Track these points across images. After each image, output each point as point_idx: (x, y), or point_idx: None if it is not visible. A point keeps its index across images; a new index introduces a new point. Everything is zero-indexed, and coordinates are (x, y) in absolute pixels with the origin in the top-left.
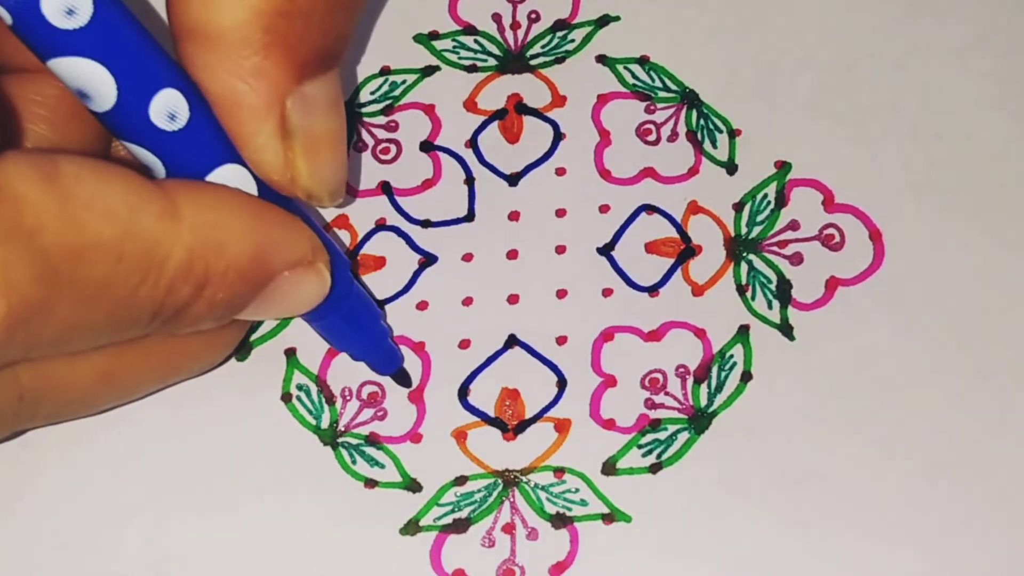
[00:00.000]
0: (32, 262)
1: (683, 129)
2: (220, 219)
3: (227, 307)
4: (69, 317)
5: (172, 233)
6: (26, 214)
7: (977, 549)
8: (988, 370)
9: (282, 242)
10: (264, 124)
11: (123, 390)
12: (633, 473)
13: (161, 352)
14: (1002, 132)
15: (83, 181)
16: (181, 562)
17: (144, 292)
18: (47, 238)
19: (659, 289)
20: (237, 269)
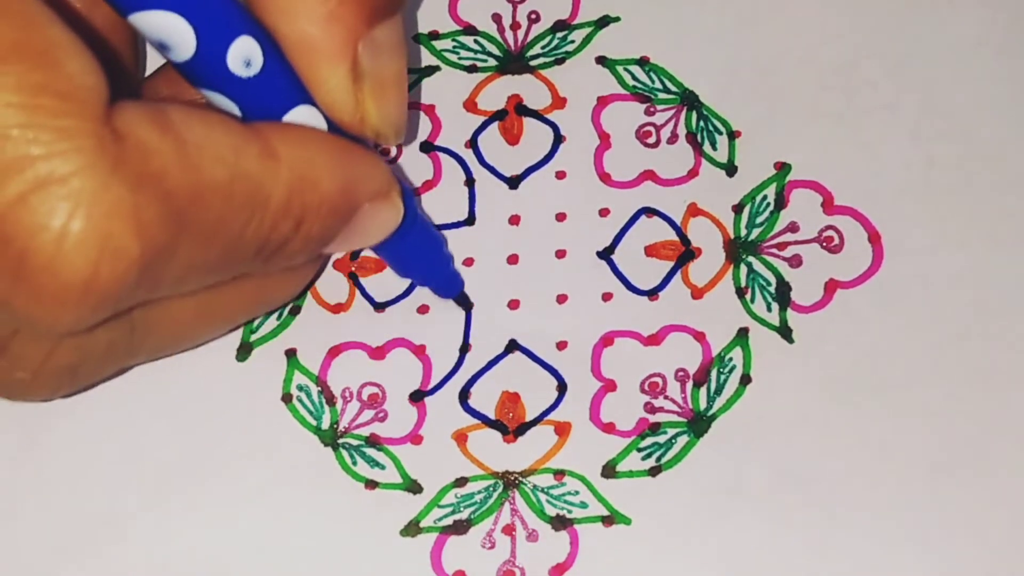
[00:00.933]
0: (160, 205)
1: (683, 131)
2: (311, 157)
3: (320, 240)
4: (190, 257)
5: (272, 173)
6: (152, 160)
7: (977, 549)
8: (987, 372)
9: (364, 175)
10: (337, 68)
11: (219, 323)
12: (633, 476)
13: (252, 286)
14: (1002, 134)
15: (192, 127)
16: (181, 562)
17: (251, 230)
18: (171, 182)
19: (659, 293)
20: (329, 203)
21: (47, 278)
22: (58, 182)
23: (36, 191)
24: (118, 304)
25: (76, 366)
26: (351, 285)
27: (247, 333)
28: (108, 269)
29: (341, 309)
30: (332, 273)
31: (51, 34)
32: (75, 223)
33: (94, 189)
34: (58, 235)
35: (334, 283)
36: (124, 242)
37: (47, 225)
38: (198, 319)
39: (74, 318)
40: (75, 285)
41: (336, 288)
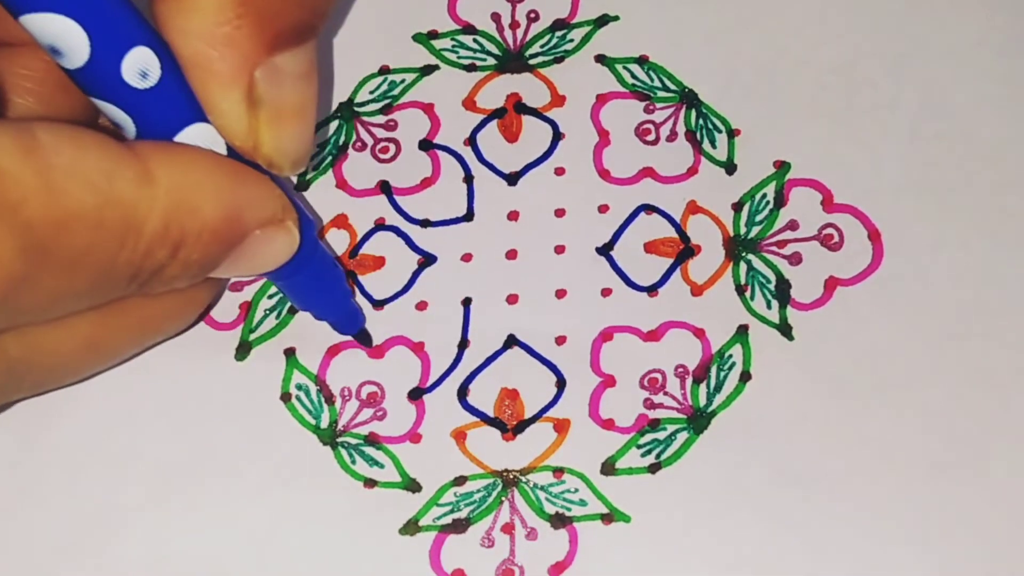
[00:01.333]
0: (17, 236)
1: (682, 129)
2: (193, 181)
3: (201, 266)
4: (53, 286)
5: (148, 198)
6: (9, 188)
7: (976, 548)
8: (987, 370)
9: (253, 201)
10: (230, 91)
11: (105, 354)
12: (632, 473)
13: (138, 315)
14: (1001, 132)
15: (61, 150)
16: (181, 562)
17: (123, 257)
18: (31, 211)
19: (658, 289)
20: (211, 230)
21: None
22: None
23: None
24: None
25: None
26: (350, 283)
27: (246, 332)
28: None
29: None
30: None
31: None
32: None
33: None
34: None
35: None
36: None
37: None
38: (82, 350)
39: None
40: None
41: None
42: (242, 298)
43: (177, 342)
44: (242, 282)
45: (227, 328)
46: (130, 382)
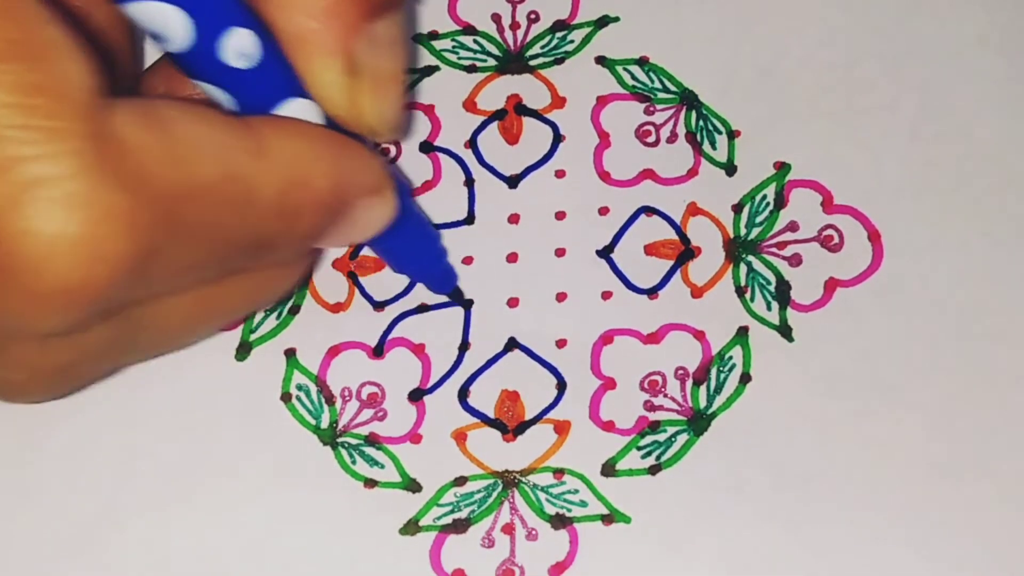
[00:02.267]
0: (150, 207)
1: (682, 130)
2: (304, 152)
3: (310, 236)
4: (180, 256)
5: (264, 170)
6: (142, 160)
7: (976, 549)
8: (987, 371)
9: (356, 171)
10: (333, 62)
11: (214, 320)
12: (632, 474)
13: (245, 281)
14: (1001, 133)
15: (184, 124)
16: (181, 562)
17: (242, 228)
18: (161, 183)
19: (658, 291)
20: (320, 200)
21: (35, 281)
22: (49, 184)
23: (26, 193)
24: (106, 304)
25: (70, 366)
26: (350, 284)
27: (246, 332)
28: (96, 271)
29: (340, 308)
30: (331, 272)
31: (48, 34)
32: (65, 226)
33: (85, 192)
34: (47, 238)
35: (333, 282)
36: (114, 244)
37: (36, 228)
38: (192, 317)
39: (60, 319)
40: (63, 287)
41: (335, 287)
42: None
43: None
44: None
45: (227, 328)
46: (131, 382)
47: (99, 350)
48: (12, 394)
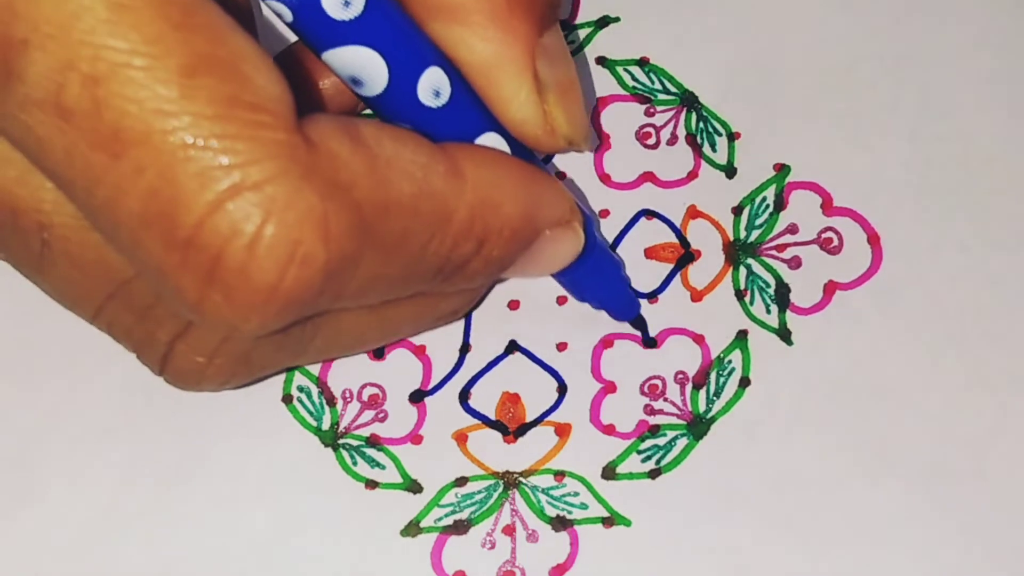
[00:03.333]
0: (348, 215)
1: (682, 132)
2: (496, 178)
3: (499, 264)
4: (372, 270)
5: (457, 191)
6: (342, 170)
7: (976, 551)
8: (986, 374)
9: (546, 202)
10: (523, 82)
11: (389, 334)
12: (633, 478)
13: (421, 305)
14: (1001, 135)
15: (382, 141)
16: (182, 563)
17: (433, 247)
18: (359, 193)
19: (658, 295)
20: (511, 227)
21: (239, 281)
22: (252, 188)
23: (231, 197)
24: (303, 310)
25: (249, 354)
26: None
27: None
28: (296, 275)
29: None
30: None
31: (238, 47)
32: (268, 228)
33: (286, 196)
34: (251, 240)
35: None
36: (313, 249)
37: (241, 230)
38: (370, 328)
39: (260, 321)
40: (264, 289)
41: None
42: None
43: None
44: None
45: None
46: (130, 382)
47: (274, 347)
48: (192, 379)
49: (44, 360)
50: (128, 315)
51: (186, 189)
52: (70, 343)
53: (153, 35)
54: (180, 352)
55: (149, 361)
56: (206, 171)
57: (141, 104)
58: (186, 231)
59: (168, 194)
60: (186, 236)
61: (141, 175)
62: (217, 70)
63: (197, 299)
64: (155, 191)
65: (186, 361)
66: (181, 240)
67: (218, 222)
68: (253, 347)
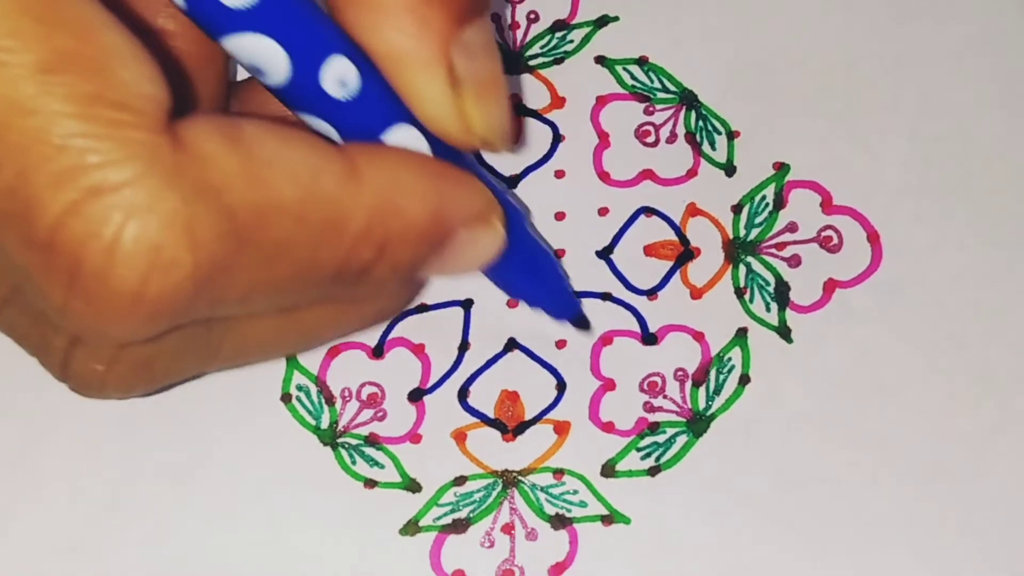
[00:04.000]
0: (218, 220)
1: (682, 131)
2: (399, 180)
3: (408, 267)
4: (252, 276)
5: (353, 195)
6: (212, 173)
7: (975, 552)
8: (986, 372)
9: (458, 199)
10: (435, 76)
11: (300, 343)
12: (632, 475)
13: (339, 309)
14: (1000, 134)
15: (265, 143)
16: (181, 563)
17: (325, 254)
18: (232, 197)
19: (658, 292)
20: (417, 229)
21: (98, 286)
22: (111, 191)
23: (89, 200)
24: (175, 318)
25: (148, 363)
26: None
27: None
28: (159, 281)
29: None
30: None
31: (107, 42)
32: (126, 232)
33: (147, 199)
34: (109, 244)
35: None
36: (176, 254)
37: (98, 233)
38: (277, 337)
39: (127, 328)
40: (125, 295)
41: None
42: None
43: None
44: None
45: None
46: None
47: (177, 353)
48: (93, 386)
49: None
50: (24, 319)
51: (42, 188)
52: None
53: (11, 29)
54: (78, 359)
55: (49, 366)
56: (64, 171)
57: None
58: (44, 233)
59: (25, 193)
60: (44, 238)
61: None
62: (80, 66)
63: (61, 303)
64: (12, 190)
65: (84, 368)
66: (40, 242)
67: (75, 225)
68: (155, 354)
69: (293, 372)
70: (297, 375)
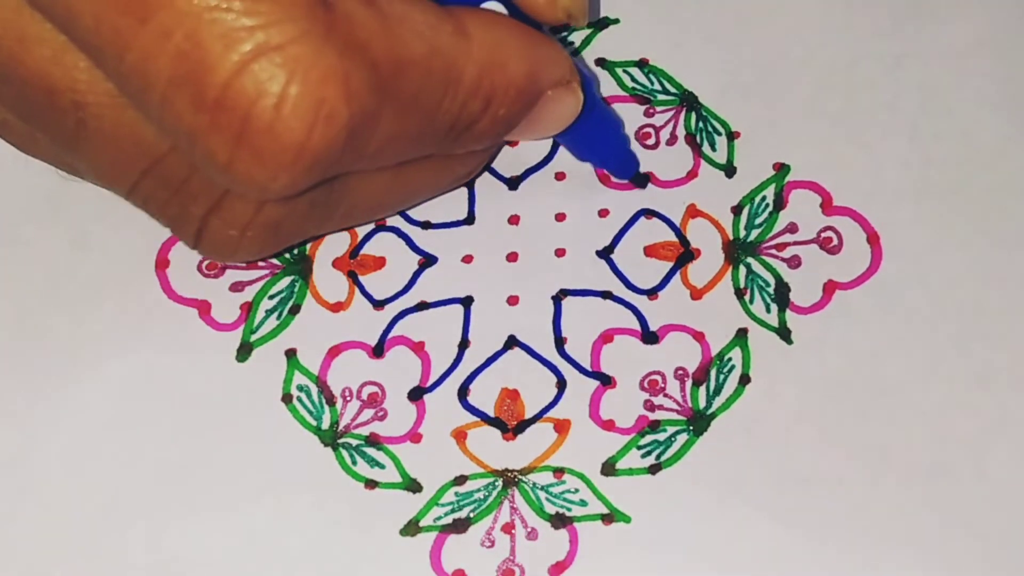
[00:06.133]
0: (367, 73)
1: (682, 132)
2: (501, 39)
3: (505, 123)
4: (390, 127)
5: (465, 51)
6: (358, 30)
7: (975, 550)
8: (986, 373)
9: (548, 62)
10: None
11: (407, 197)
12: (632, 474)
13: (434, 166)
14: (1000, 134)
15: (393, 2)
16: (182, 563)
17: (445, 105)
18: (376, 52)
19: (658, 293)
20: (516, 86)
21: (267, 140)
22: (275, 50)
23: (256, 59)
24: (328, 169)
25: (280, 223)
26: (350, 283)
27: (247, 333)
28: (321, 132)
29: (340, 308)
30: (331, 272)
31: None
32: (292, 88)
33: (309, 56)
34: (277, 99)
35: (333, 282)
36: (336, 106)
37: (267, 90)
38: (387, 192)
39: (289, 180)
40: (292, 147)
41: (335, 287)
42: (243, 299)
43: (178, 343)
44: (243, 282)
45: (228, 329)
46: (131, 382)
47: (306, 210)
48: (226, 251)
49: (44, 359)
50: (163, 191)
51: (212, 51)
52: (70, 342)
53: None
54: (214, 226)
55: (184, 235)
56: (231, 32)
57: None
58: (214, 92)
59: (195, 56)
60: (214, 97)
61: (168, 38)
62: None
63: (227, 160)
64: (183, 54)
65: (220, 234)
66: (210, 102)
67: (245, 83)
68: (283, 217)
69: (294, 372)
70: (298, 375)
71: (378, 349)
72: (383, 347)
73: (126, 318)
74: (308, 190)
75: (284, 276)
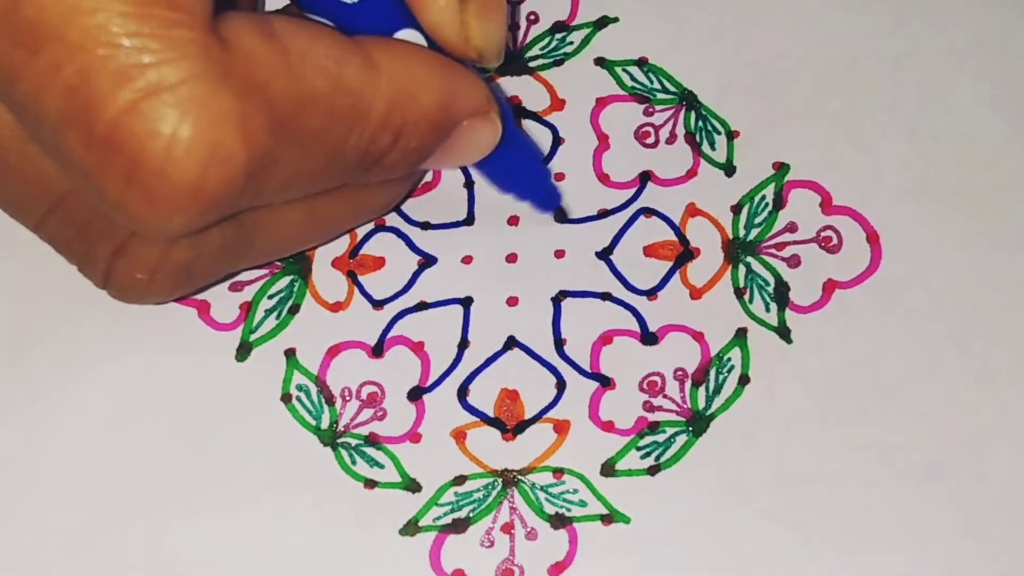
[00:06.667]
0: (265, 113)
1: (681, 131)
2: (412, 71)
3: (417, 155)
4: (292, 166)
5: (373, 84)
6: (257, 69)
7: (974, 552)
8: (985, 372)
9: (463, 92)
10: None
11: (323, 230)
12: (632, 475)
13: (352, 194)
14: (1000, 134)
15: (296, 37)
16: (181, 563)
17: (352, 141)
18: (275, 91)
19: (657, 292)
20: (428, 118)
21: (158, 183)
22: (168, 90)
23: (147, 98)
24: (225, 209)
25: (190, 265)
26: (350, 283)
27: (246, 333)
28: (216, 174)
29: (340, 308)
30: (331, 272)
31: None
32: (184, 129)
33: (203, 96)
34: (168, 141)
35: (333, 282)
36: (231, 148)
37: (157, 131)
38: (303, 225)
39: (184, 221)
40: (184, 189)
41: (335, 286)
42: (242, 298)
43: (177, 342)
44: (242, 282)
45: (227, 329)
46: (130, 382)
47: (217, 251)
48: (135, 294)
49: (44, 358)
50: (68, 230)
51: (102, 87)
52: (70, 342)
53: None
54: (121, 268)
55: (91, 276)
56: (122, 70)
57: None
58: (103, 130)
59: (84, 92)
60: (103, 135)
61: (59, 71)
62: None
63: (119, 200)
64: (72, 88)
65: (127, 277)
66: (99, 139)
67: (134, 122)
68: (193, 259)
69: (293, 372)
70: (297, 375)
71: (377, 349)
72: (382, 347)
73: (126, 318)
74: (215, 226)
75: (283, 276)
